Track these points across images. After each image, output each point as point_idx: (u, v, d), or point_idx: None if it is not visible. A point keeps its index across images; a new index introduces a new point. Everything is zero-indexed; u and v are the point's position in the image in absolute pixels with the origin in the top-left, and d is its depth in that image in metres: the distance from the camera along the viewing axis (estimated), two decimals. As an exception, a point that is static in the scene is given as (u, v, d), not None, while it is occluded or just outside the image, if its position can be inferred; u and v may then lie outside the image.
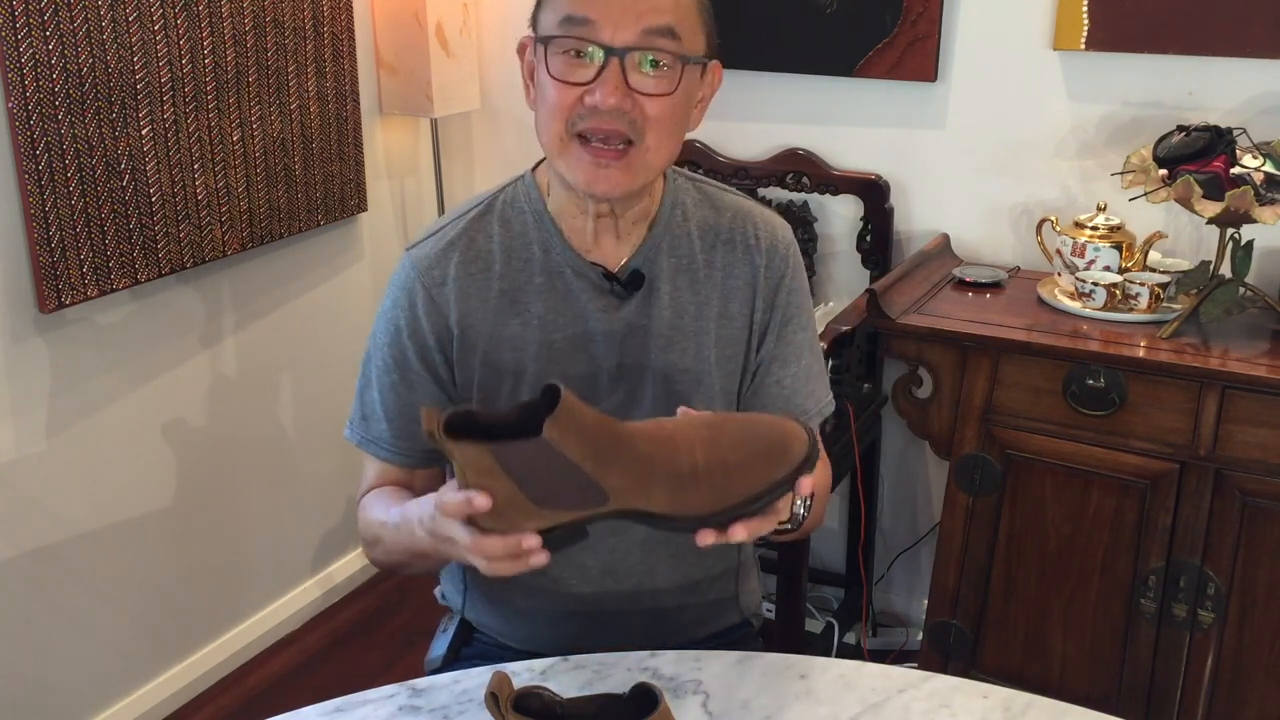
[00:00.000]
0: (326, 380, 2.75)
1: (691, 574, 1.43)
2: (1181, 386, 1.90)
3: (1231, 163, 1.95)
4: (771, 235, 1.38)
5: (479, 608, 1.47)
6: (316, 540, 2.82)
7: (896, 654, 2.62)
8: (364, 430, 1.38)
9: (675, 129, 1.25)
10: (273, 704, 2.41)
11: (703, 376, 1.34)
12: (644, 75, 1.20)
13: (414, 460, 1.36)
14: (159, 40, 2.15)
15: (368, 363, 1.38)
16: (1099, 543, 2.01)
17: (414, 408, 1.33)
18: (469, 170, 2.99)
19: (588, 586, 1.38)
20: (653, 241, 1.34)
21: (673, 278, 1.34)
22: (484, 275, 1.31)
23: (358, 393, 1.39)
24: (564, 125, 1.22)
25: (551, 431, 0.99)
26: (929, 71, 2.38)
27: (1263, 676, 1.93)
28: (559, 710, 1.01)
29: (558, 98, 1.21)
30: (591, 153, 1.22)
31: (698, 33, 1.25)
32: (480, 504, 1.01)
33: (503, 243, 1.33)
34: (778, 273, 1.37)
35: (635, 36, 1.19)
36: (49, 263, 2.03)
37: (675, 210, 1.36)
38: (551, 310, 1.31)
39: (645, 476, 1.03)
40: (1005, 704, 1.19)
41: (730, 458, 1.04)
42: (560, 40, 1.20)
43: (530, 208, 1.34)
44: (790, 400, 1.39)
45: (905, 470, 2.64)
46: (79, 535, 2.22)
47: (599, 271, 1.32)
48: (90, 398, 2.20)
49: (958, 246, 2.45)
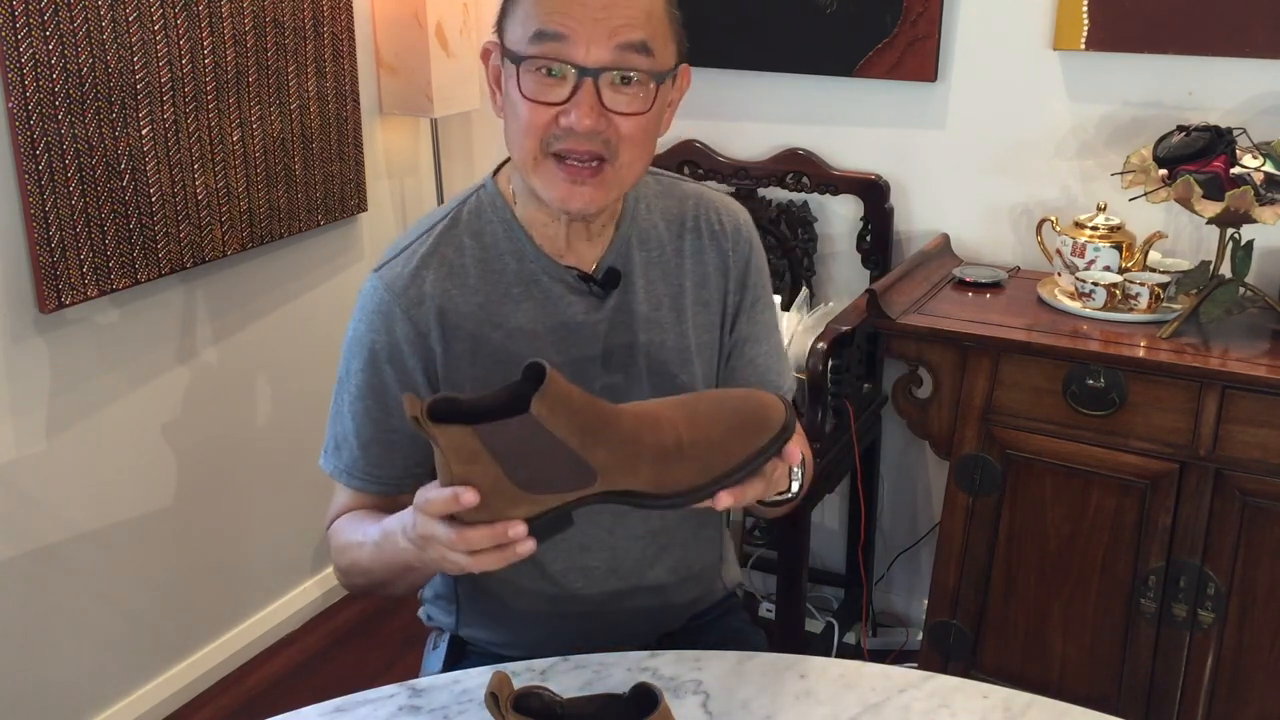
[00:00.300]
0: (327, 380, 2.73)
1: (692, 562, 1.44)
2: (1181, 386, 1.90)
3: (1231, 163, 1.95)
4: (734, 219, 1.41)
5: (475, 623, 1.45)
6: (316, 540, 2.82)
7: (896, 654, 2.62)
8: (337, 459, 1.34)
9: (648, 143, 1.25)
10: (273, 704, 2.41)
11: (686, 364, 1.36)
12: (618, 94, 1.19)
13: (389, 487, 1.32)
14: (159, 40, 2.15)
15: (339, 391, 1.34)
16: (1099, 543, 2.01)
17: (390, 433, 1.30)
18: (469, 170, 2.99)
19: (592, 588, 1.38)
20: (622, 238, 1.34)
21: (646, 270, 1.35)
22: (460, 290, 1.29)
23: (330, 420, 1.35)
24: (538, 144, 1.21)
25: (540, 408, 0.97)
26: (929, 71, 2.38)
27: (1263, 676, 1.93)
28: (559, 710, 1.01)
29: (530, 117, 1.19)
30: (566, 170, 1.21)
31: (669, 43, 1.24)
32: (468, 499, 0.99)
33: (475, 255, 1.31)
34: (743, 255, 1.40)
35: (609, 54, 1.17)
36: (49, 263, 2.03)
37: (639, 204, 1.37)
38: (532, 319, 1.30)
39: (633, 454, 1.03)
40: (1005, 704, 1.19)
41: (713, 432, 1.05)
42: (531, 59, 1.18)
43: (498, 216, 1.32)
44: (764, 377, 1.42)
45: (905, 470, 2.64)
46: (79, 535, 2.22)
47: (574, 274, 1.32)
48: (90, 398, 2.20)
49: (958, 246, 2.45)
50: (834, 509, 2.72)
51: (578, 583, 1.37)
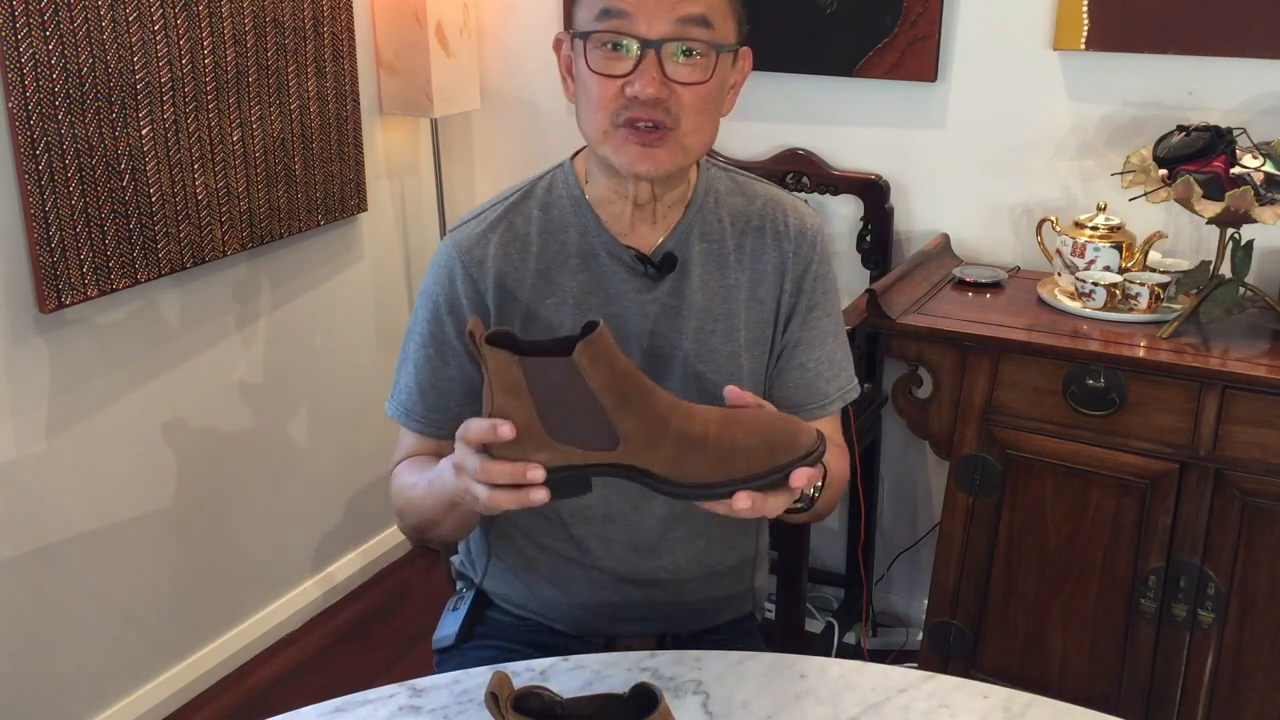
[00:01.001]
0: (326, 380, 2.75)
1: (713, 560, 1.46)
2: (1181, 386, 1.90)
3: (1231, 163, 1.95)
4: (800, 222, 1.43)
5: (499, 576, 1.50)
6: (316, 540, 2.82)
7: (896, 654, 2.62)
8: (398, 403, 1.42)
9: (711, 114, 1.30)
10: (273, 704, 2.42)
11: (732, 358, 1.39)
12: (679, 64, 1.25)
13: (444, 432, 1.39)
14: (159, 40, 2.15)
15: (407, 339, 1.42)
16: (1099, 543, 2.01)
17: (447, 381, 1.38)
18: (469, 170, 2.99)
19: (612, 560, 1.42)
20: (685, 226, 1.38)
21: (704, 262, 1.39)
22: (521, 256, 1.36)
23: (397, 368, 1.44)
24: (608, 117, 1.27)
25: (582, 355, 1.02)
26: (929, 71, 2.38)
27: (1263, 676, 1.93)
28: (559, 710, 1.01)
29: (599, 91, 1.26)
30: (635, 136, 1.27)
31: (729, 20, 1.29)
32: (504, 431, 1.03)
33: (540, 225, 1.38)
34: (805, 258, 1.42)
35: (670, 27, 1.24)
36: (49, 263, 2.03)
37: (708, 197, 1.41)
38: (585, 290, 1.36)
39: (658, 431, 1.05)
40: (1005, 704, 1.19)
41: (740, 437, 1.07)
42: (598, 35, 1.25)
43: (568, 193, 1.39)
44: (813, 383, 1.43)
45: (905, 470, 2.64)
46: (79, 535, 2.22)
47: (633, 254, 1.36)
48: (90, 398, 2.21)
49: (958, 246, 2.45)
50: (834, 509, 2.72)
51: (598, 550, 1.41)
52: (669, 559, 1.43)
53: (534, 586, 1.47)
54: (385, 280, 2.90)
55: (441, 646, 1.52)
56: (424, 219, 2.98)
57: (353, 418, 2.83)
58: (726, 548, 1.47)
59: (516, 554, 1.46)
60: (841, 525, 2.69)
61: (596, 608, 1.44)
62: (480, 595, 1.52)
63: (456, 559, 1.59)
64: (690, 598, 1.46)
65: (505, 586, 1.50)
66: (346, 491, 2.89)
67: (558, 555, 1.43)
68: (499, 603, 1.51)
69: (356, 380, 2.83)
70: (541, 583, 1.46)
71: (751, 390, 1.38)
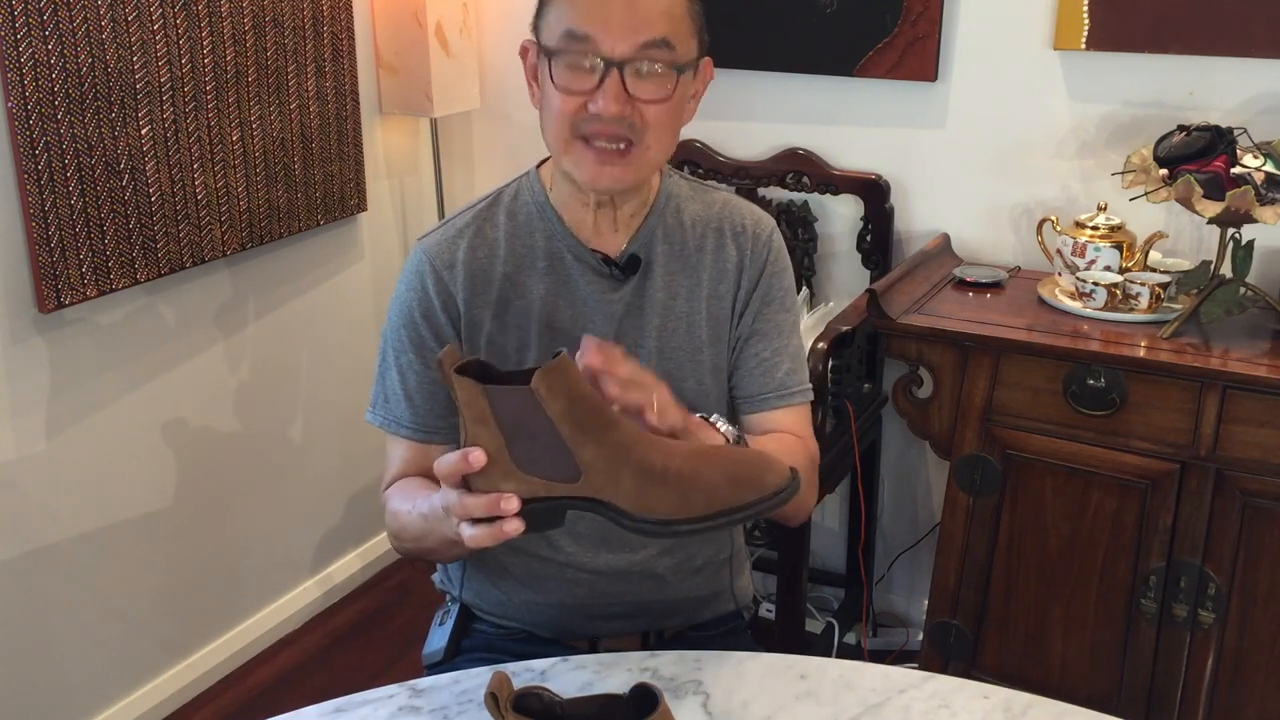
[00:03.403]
0: (326, 380, 2.75)
1: (684, 554, 1.48)
2: (1182, 386, 1.90)
3: (1232, 162, 1.95)
4: (756, 224, 1.48)
5: (476, 586, 1.51)
6: (316, 540, 2.82)
7: (897, 654, 2.61)
8: (385, 411, 1.44)
9: (672, 127, 1.35)
10: (273, 704, 2.41)
11: (694, 354, 1.44)
12: (642, 82, 1.29)
13: (435, 436, 1.41)
14: (159, 40, 2.14)
15: (384, 347, 1.44)
16: (1099, 543, 2.01)
17: (431, 384, 1.40)
18: (469, 170, 2.99)
19: (584, 555, 1.43)
20: (649, 229, 1.44)
21: (666, 262, 1.44)
22: (489, 260, 1.40)
23: (377, 377, 1.45)
24: (569, 129, 1.31)
25: (539, 383, 1.02)
26: (929, 71, 2.38)
27: (1263, 677, 1.93)
28: (559, 710, 1.01)
29: (562, 105, 1.31)
30: (595, 152, 1.31)
31: (690, 39, 1.33)
32: (476, 457, 1.04)
33: (508, 231, 1.42)
34: (760, 257, 1.47)
35: (632, 49, 1.28)
36: (49, 263, 2.03)
37: (670, 202, 1.46)
38: (552, 292, 1.40)
39: (618, 461, 1.05)
40: (1006, 704, 1.19)
41: (703, 469, 1.07)
42: (563, 54, 1.29)
43: (534, 199, 1.43)
44: (770, 373, 1.46)
45: (905, 470, 2.64)
46: (79, 535, 2.22)
47: (598, 257, 1.41)
48: (90, 398, 2.20)
49: (958, 246, 2.45)
50: (834, 509, 2.72)
51: (569, 547, 1.43)
52: (642, 552, 1.44)
53: (510, 591, 1.48)
54: (385, 280, 2.90)
55: (430, 663, 1.53)
56: (424, 219, 2.98)
57: (353, 418, 2.82)
58: (703, 541, 1.49)
59: (491, 559, 1.47)
60: (842, 525, 2.69)
61: (575, 607, 1.46)
62: (464, 610, 1.53)
63: (436, 576, 1.59)
64: (667, 594, 1.48)
65: (484, 595, 1.51)
66: (346, 491, 2.88)
67: (531, 555, 1.44)
68: (481, 615, 1.52)
69: (356, 380, 2.82)
70: (517, 586, 1.47)
71: (714, 386, 1.44)
